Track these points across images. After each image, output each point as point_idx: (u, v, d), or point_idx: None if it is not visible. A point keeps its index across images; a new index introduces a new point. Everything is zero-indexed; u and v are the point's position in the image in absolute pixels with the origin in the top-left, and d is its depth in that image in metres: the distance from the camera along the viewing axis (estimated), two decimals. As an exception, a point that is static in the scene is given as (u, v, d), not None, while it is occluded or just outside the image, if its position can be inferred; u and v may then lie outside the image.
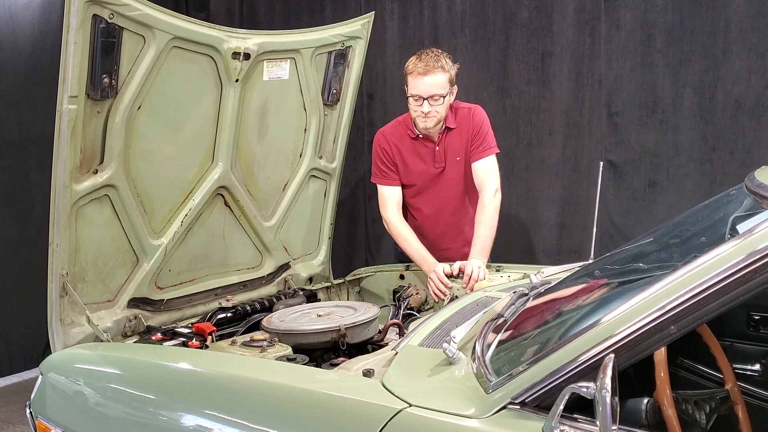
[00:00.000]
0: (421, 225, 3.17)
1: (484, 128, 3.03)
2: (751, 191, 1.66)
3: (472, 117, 3.03)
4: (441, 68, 2.86)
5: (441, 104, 2.89)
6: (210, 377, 1.90)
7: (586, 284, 1.96)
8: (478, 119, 3.03)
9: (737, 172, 3.30)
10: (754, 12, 3.29)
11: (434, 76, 2.85)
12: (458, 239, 3.14)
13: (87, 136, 2.27)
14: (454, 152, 3.03)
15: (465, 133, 3.02)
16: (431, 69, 2.85)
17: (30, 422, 2.09)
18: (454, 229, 3.15)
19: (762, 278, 1.24)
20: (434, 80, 2.85)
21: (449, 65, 2.91)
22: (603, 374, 1.21)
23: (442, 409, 1.48)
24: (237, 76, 2.65)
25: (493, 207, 2.97)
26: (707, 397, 1.76)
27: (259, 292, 3.04)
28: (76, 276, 2.36)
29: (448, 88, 2.90)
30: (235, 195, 2.85)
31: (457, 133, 3.02)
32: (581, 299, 1.81)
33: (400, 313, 2.82)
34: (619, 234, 3.71)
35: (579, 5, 3.72)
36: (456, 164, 3.05)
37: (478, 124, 3.02)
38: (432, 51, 2.93)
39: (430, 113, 2.89)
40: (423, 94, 2.86)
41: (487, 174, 3.01)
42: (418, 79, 2.86)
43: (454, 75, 2.94)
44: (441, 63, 2.87)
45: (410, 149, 3.06)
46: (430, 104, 2.87)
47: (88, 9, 2.12)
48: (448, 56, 2.94)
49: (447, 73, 2.89)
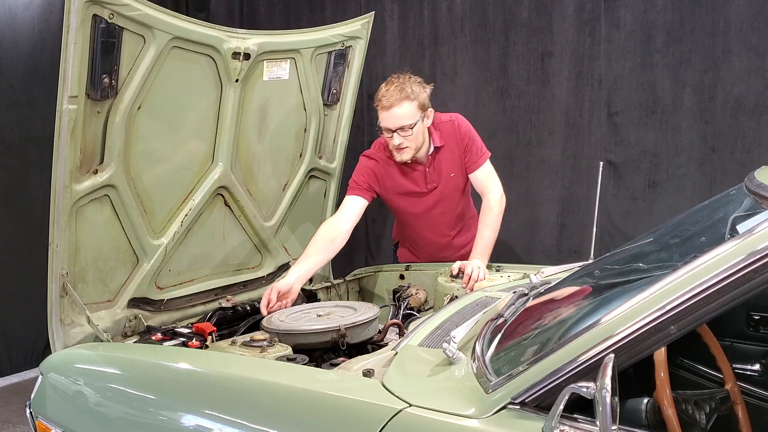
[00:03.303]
0: (419, 241, 3.16)
1: (472, 136, 2.97)
2: (751, 191, 1.66)
3: (458, 129, 2.94)
4: (406, 98, 2.74)
5: (411, 134, 2.79)
6: (210, 377, 1.90)
7: (585, 284, 1.96)
8: (464, 129, 2.95)
9: (737, 172, 3.30)
10: (754, 12, 3.30)
11: (399, 107, 2.74)
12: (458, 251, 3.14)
13: (87, 136, 2.27)
14: (447, 169, 2.96)
15: (455, 147, 2.95)
16: (396, 101, 2.73)
17: (30, 422, 2.09)
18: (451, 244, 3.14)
19: (762, 278, 1.24)
20: (400, 111, 2.74)
21: (417, 91, 2.77)
22: (603, 374, 1.21)
23: (442, 409, 1.48)
24: (237, 76, 2.65)
25: (498, 210, 2.96)
26: (707, 397, 1.76)
27: (259, 292, 3.03)
28: (76, 276, 2.36)
29: (418, 116, 2.78)
30: (235, 195, 2.85)
31: (447, 149, 2.95)
32: (581, 299, 1.81)
33: (400, 313, 2.82)
34: (619, 234, 3.71)
35: (579, 5, 3.72)
36: (451, 180, 2.98)
37: (466, 135, 2.95)
38: (398, 79, 2.80)
39: (402, 144, 2.80)
40: (391, 126, 2.77)
41: (489, 179, 2.99)
42: (384, 112, 2.77)
43: (425, 99, 2.80)
44: (406, 92, 2.74)
45: (398, 173, 2.97)
46: (400, 135, 2.78)
47: (88, 9, 2.11)
48: (416, 81, 2.81)
49: (414, 101, 2.75)
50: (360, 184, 2.94)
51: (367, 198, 2.94)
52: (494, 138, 3.96)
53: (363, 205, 2.93)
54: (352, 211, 2.89)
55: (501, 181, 3.03)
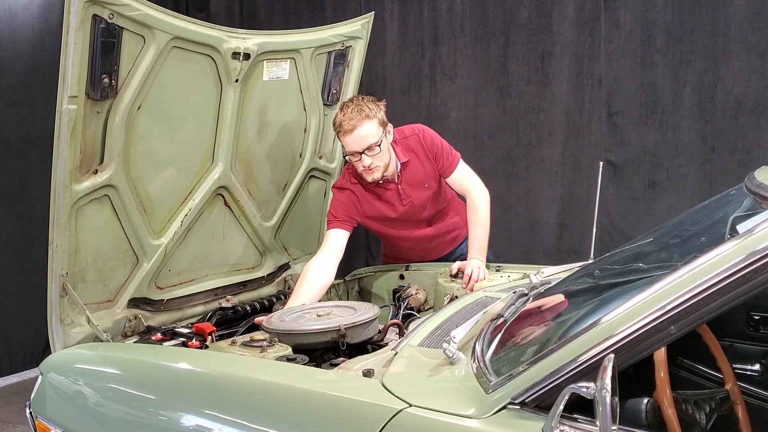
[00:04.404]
0: (405, 253, 3.18)
1: (439, 144, 2.96)
2: (751, 191, 1.66)
3: (424, 140, 2.95)
4: (366, 117, 2.74)
5: (379, 152, 2.79)
6: (210, 377, 1.90)
7: (586, 284, 1.96)
8: (429, 139, 2.95)
9: (737, 172, 3.30)
10: (754, 12, 3.30)
11: (362, 128, 2.74)
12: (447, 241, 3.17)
13: (87, 136, 2.27)
14: (420, 182, 2.96)
15: (425, 159, 2.95)
16: (357, 122, 2.73)
17: (30, 422, 2.09)
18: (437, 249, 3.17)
19: (762, 278, 1.24)
20: (363, 131, 2.74)
21: (374, 110, 2.78)
22: (603, 374, 1.21)
23: (442, 409, 1.48)
24: (237, 76, 2.65)
25: (484, 205, 2.97)
26: (707, 397, 1.76)
27: (258, 292, 3.04)
28: (76, 276, 2.36)
29: (381, 133, 2.79)
30: (235, 195, 2.85)
31: (416, 163, 2.94)
32: (581, 299, 1.81)
33: (400, 313, 2.82)
34: (619, 234, 3.71)
35: (579, 5, 3.72)
36: (425, 191, 2.98)
37: (433, 144, 2.95)
38: (353, 102, 2.81)
39: (372, 164, 2.80)
40: (357, 149, 2.77)
41: (466, 179, 3.00)
42: (347, 137, 2.76)
43: (382, 116, 2.82)
44: (365, 112, 2.75)
45: (373, 197, 2.97)
46: (368, 156, 2.78)
47: (88, 9, 2.11)
48: (370, 100, 2.82)
49: (374, 118, 2.76)
50: (338, 216, 2.92)
51: (349, 229, 2.93)
52: (494, 138, 3.96)
53: (346, 236, 2.92)
54: (335, 246, 2.88)
55: (501, 181, 3.04)
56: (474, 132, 4.13)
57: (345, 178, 3.01)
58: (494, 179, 3.57)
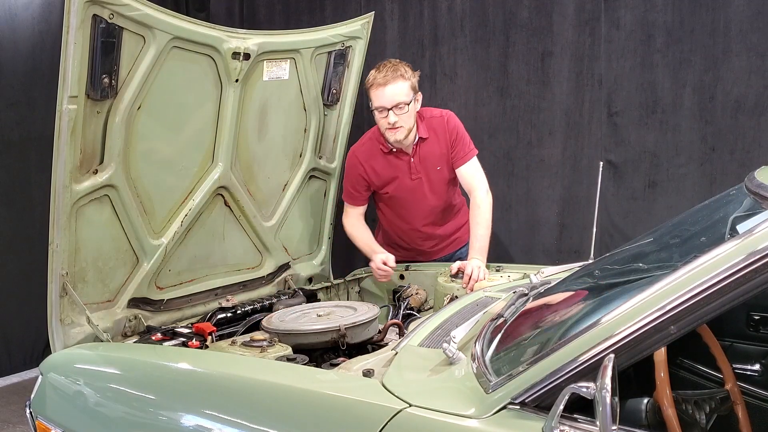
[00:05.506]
0: (404, 234, 3.19)
1: (461, 132, 3.03)
2: (751, 191, 1.66)
3: (447, 124, 3.02)
4: (401, 76, 2.86)
5: (406, 112, 2.87)
6: (210, 377, 1.90)
7: (586, 284, 1.96)
8: (452, 125, 3.02)
9: (737, 172, 3.29)
10: (754, 12, 3.29)
11: (395, 84, 2.84)
12: (446, 245, 3.19)
13: (87, 136, 2.27)
14: (433, 162, 3.02)
15: (443, 141, 3.01)
16: (391, 78, 2.84)
17: (30, 422, 2.09)
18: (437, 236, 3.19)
19: (762, 278, 1.24)
20: (395, 89, 2.84)
21: (409, 73, 2.91)
22: (603, 374, 1.21)
23: (442, 409, 1.48)
24: (237, 77, 2.65)
25: (486, 206, 3.00)
26: (707, 397, 1.76)
27: (259, 292, 3.04)
28: (76, 276, 2.36)
29: (411, 96, 2.89)
30: (235, 195, 2.85)
31: (434, 142, 3.01)
32: (581, 299, 1.81)
33: (400, 313, 2.82)
34: (619, 234, 3.71)
35: (579, 5, 3.72)
36: (437, 173, 3.04)
37: (455, 130, 3.01)
38: (390, 61, 2.93)
39: (397, 123, 2.87)
40: (387, 104, 2.85)
41: (475, 176, 3.04)
42: (379, 90, 2.85)
43: (416, 83, 2.93)
44: (400, 71, 2.87)
45: (384, 165, 3.05)
46: (395, 114, 2.85)
47: (88, 9, 2.11)
48: (407, 65, 2.94)
49: (408, 80, 2.88)
50: (354, 195, 3.14)
51: (365, 203, 3.18)
52: (494, 138, 3.95)
53: (364, 210, 3.19)
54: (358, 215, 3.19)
55: (501, 181, 3.04)
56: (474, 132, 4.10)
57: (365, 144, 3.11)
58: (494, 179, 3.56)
